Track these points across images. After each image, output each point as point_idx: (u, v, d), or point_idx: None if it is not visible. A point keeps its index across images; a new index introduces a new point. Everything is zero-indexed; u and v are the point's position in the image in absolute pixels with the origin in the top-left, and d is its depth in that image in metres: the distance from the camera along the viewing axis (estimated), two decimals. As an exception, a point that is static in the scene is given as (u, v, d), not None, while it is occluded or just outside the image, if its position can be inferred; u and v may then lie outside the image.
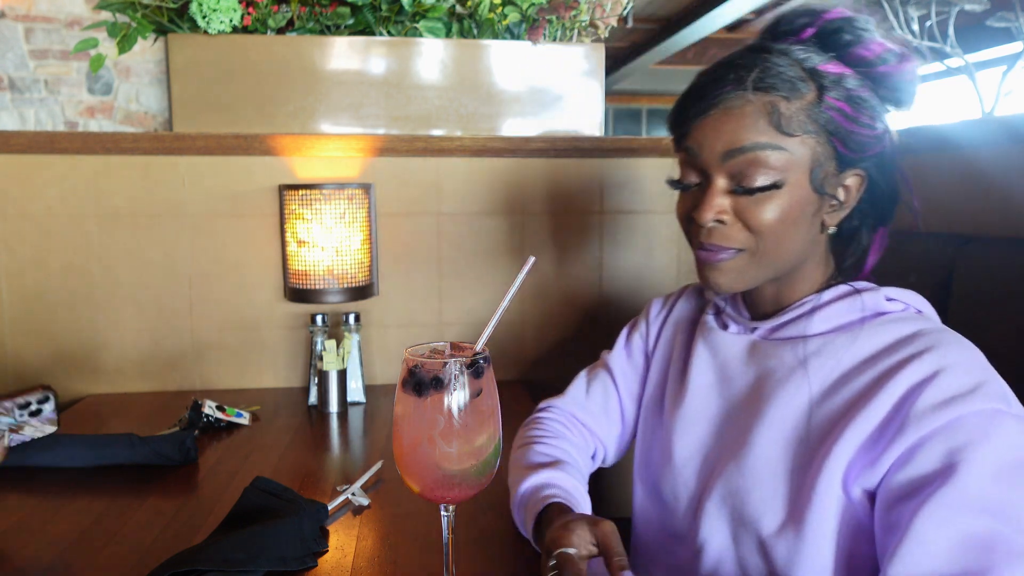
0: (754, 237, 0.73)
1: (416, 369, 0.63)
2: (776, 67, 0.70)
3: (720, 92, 0.71)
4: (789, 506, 0.71)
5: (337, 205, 1.41)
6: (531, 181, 1.58)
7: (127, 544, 0.86)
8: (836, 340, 0.74)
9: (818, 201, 0.73)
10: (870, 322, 0.74)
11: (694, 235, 0.77)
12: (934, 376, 0.65)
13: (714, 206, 0.73)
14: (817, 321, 0.76)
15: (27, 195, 1.47)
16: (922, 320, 0.73)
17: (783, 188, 0.71)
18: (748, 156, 0.70)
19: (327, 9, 1.68)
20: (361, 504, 0.96)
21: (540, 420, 0.98)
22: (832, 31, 0.73)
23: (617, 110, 11.29)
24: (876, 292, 0.75)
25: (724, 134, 0.71)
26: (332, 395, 1.37)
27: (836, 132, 0.71)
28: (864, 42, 0.72)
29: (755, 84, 0.70)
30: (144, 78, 1.95)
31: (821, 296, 0.77)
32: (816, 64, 0.71)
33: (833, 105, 0.70)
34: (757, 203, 0.72)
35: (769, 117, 0.69)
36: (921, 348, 0.68)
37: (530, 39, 1.73)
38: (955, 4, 1.45)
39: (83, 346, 1.51)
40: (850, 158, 0.73)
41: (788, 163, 0.70)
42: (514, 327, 1.62)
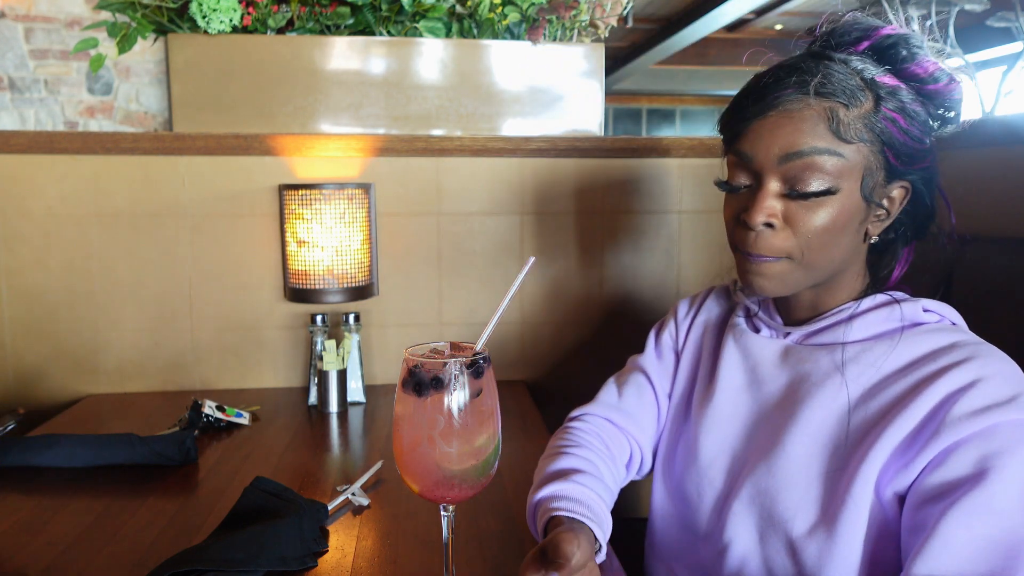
0: (800, 244, 0.73)
1: (416, 369, 0.63)
2: (837, 74, 0.71)
3: (781, 94, 0.72)
4: (822, 508, 0.72)
5: (337, 205, 1.41)
6: (531, 181, 1.58)
7: (127, 544, 0.86)
8: (874, 347, 0.75)
9: (866, 210, 0.74)
10: (908, 331, 0.75)
11: (740, 239, 0.77)
12: (972, 385, 0.66)
13: (765, 208, 0.73)
14: (856, 328, 0.77)
15: (27, 195, 1.47)
16: (958, 332, 0.74)
17: (836, 195, 0.71)
18: (806, 160, 0.71)
19: (327, 9, 1.68)
20: (361, 504, 0.96)
21: (569, 430, 0.95)
22: (888, 46, 0.74)
23: (617, 110, 11.28)
24: (914, 303, 0.76)
25: (782, 137, 0.71)
26: (332, 395, 1.37)
27: (889, 142, 0.72)
28: (918, 60, 0.74)
29: (817, 89, 0.71)
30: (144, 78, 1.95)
31: (859, 304, 0.78)
32: (874, 75, 0.72)
33: (889, 116, 0.71)
34: (809, 209, 0.72)
35: (828, 123, 0.70)
36: (961, 358, 0.68)
37: (530, 39, 1.73)
38: (955, 4, 1.46)
39: (83, 346, 1.51)
40: (899, 170, 0.74)
41: (843, 169, 0.71)
42: (514, 327, 1.62)
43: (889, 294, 0.78)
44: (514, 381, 1.62)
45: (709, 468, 0.83)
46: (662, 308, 1.64)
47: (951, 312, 0.78)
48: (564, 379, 1.65)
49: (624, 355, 1.09)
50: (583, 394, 1.66)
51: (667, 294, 1.64)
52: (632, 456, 0.94)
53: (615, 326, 1.64)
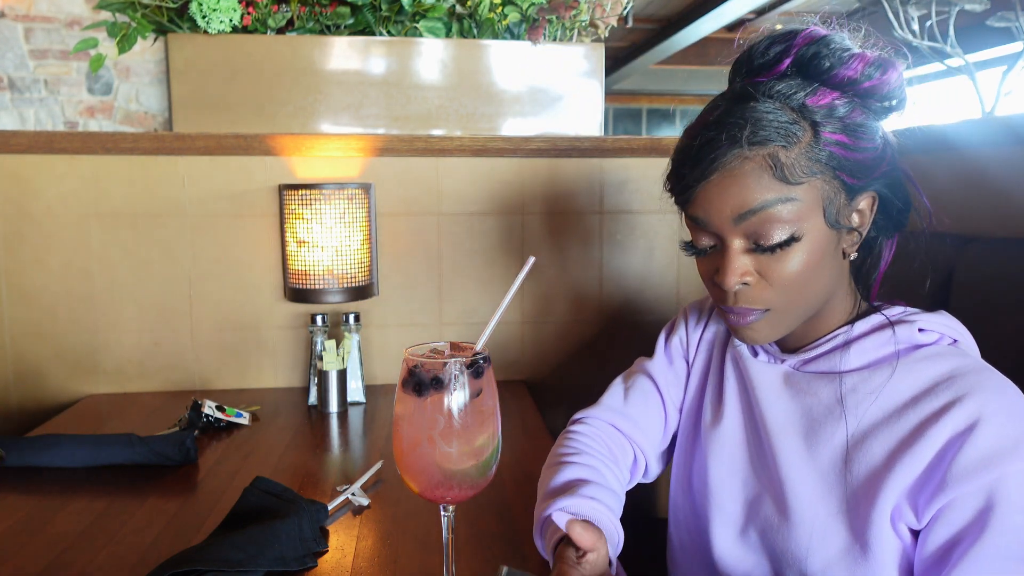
0: (780, 293, 0.72)
1: (416, 369, 0.63)
2: (765, 116, 0.68)
3: (715, 154, 0.69)
4: (841, 548, 0.71)
5: (337, 205, 1.41)
6: (531, 181, 1.58)
7: (127, 544, 0.86)
8: (872, 377, 0.73)
9: (836, 237, 0.72)
10: (905, 357, 0.73)
11: (719, 298, 0.76)
12: (973, 427, 0.64)
13: (736, 269, 0.71)
14: (852, 356, 0.75)
15: (27, 195, 1.47)
16: (958, 354, 0.72)
17: (803, 239, 0.69)
18: (761, 215, 0.68)
19: (327, 9, 1.68)
20: (361, 504, 0.96)
21: (572, 435, 0.92)
22: (810, 58, 0.70)
23: (617, 110, 11.28)
24: (910, 325, 0.74)
25: (731, 197, 0.69)
26: (332, 395, 1.37)
27: (840, 166, 0.69)
28: (845, 62, 0.69)
29: (750, 140, 0.67)
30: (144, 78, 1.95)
31: (853, 329, 0.76)
32: (804, 100, 0.69)
33: (831, 140, 0.68)
34: (779, 259, 0.70)
35: (772, 170, 0.67)
36: (961, 393, 0.67)
37: (530, 39, 1.73)
38: (955, 4, 1.45)
39: (83, 346, 1.51)
40: (858, 185, 0.71)
41: (801, 212, 0.68)
42: (514, 327, 1.62)
43: (884, 314, 0.76)
44: (514, 381, 1.62)
45: (719, 493, 0.83)
46: (662, 308, 1.64)
47: (950, 324, 0.76)
48: (564, 379, 1.65)
49: (623, 355, 1.09)
50: (583, 394, 1.66)
51: (667, 294, 1.64)
52: (636, 461, 0.93)
53: (615, 326, 1.64)
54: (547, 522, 0.75)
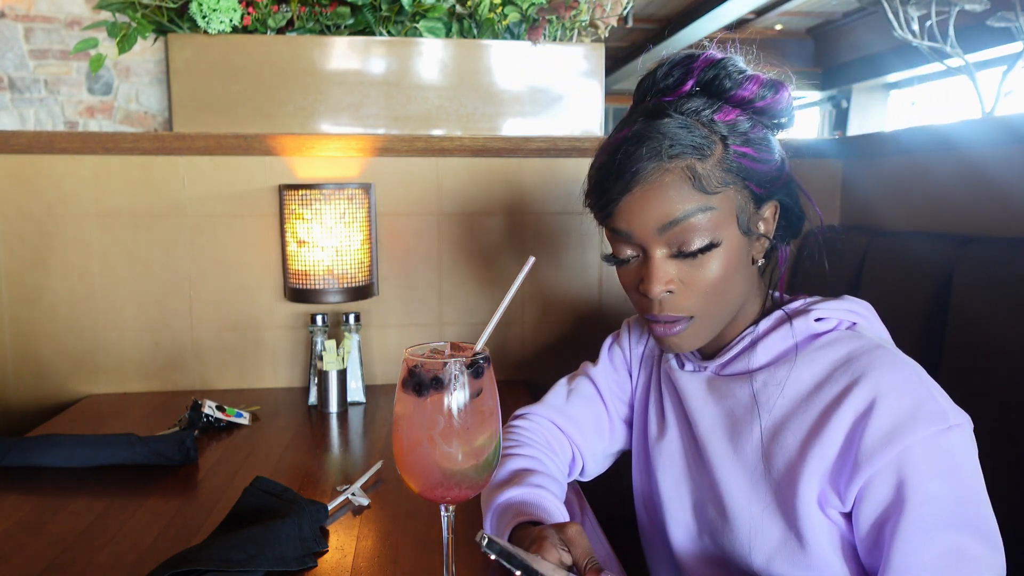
0: (702, 299, 0.75)
1: (416, 369, 0.63)
2: (680, 131, 0.72)
3: (638, 167, 0.72)
4: (778, 541, 0.74)
5: (337, 205, 1.41)
6: (531, 181, 1.58)
7: (127, 544, 0.86)
8: (777, 372, 0.77)
9: (748, 244, 0.77)
10: (804, 348, 0.77)
11: (644, 307, 0.79)
12: (872, 406, 0.67)
13: (661, 278, 0.74)
14: (759, 354, 0.79)
15: (27, 195, 1.47)
16: (853, 338, 0.75)
17: (721, 244, 0.73)
18: (683, 225, 0.72)
19: (327, 9, 1.68)
20: (361, 504, 0.96)
21: (514, 429, 0.97)
22: (710, 80, 0.74)
23: (617, 110, 11.27)
24: (806, 316, 0.77)
25: (653, 209, 0.72)
26: (332, 395, 1.37)
27: (748, 175, 0.73)
28: (741, 84, 0.74)
29: (668, 154, 0.71)
30: (144, 78, 1.95)
31: (758, 328, 0.80)
32: (712, 116, 0.73)
33: (739, 152, 0.73)
34: (700, 265, 0.74)
35: (691, 181, 0.71)
36: (856, 375, 0.70)
37: (530, 39, 1.73)
38: (955, 4, 1.45)
39: (83, 346, 1.51)
40: (764, 194, 0.76)
41: (719, 220, 0.73)
42: (514, 327, 1.62)
43: (784, 309, 0.80)
44: (514, 381, 1.62)
45: (670, 503, 0.86)
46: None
47: (851, 308, 0.79)
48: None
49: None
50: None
51: (667, 294, 1.64)
52: (574, 459, 0.97)
53: (615, 326, 1.64)
54: (504, 511, 0.79)
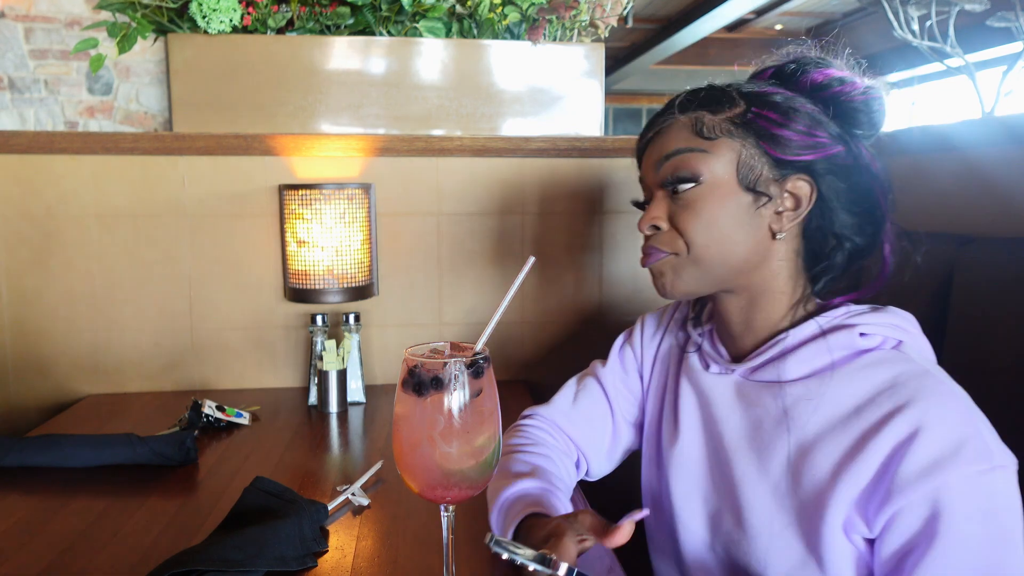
0: (686, 239, 0.78)
1: (416, 369, 0.63)
2: (706, 91, 0.79)
3: (657, 119, 0.82)
4: (796, 561, 0.73)
5: (337, 205, 1.41)
6: (531, 181, 1.58)
7: (127, 544, 0.86)
8: (811, 387, 0.74)
9: (753, 201, 0.76)
10: (847, 365, 0.73)
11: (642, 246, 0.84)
12: (915, 435, 0.65)
13: (650, 213, 0.80)
14: (790, 366, 0.76)
15: (27, 195, 1.47)
16: (900, 360, 0.72)
17: (707, 182, 0.76)
18: (673, 160, 0.78)
19: (327, 9, 1.68)
20: (361, 504, 0.96)
21: (522, 428, 0.99)
22: (783, 66, 0.81)
23: (617, 110, 11.27)
24: (849, 331, 0.74)
25: (656, 150, 0.81)
26: (332, 395, 1.37)
27: (762, 135, 0.75)
28: (809, 73, 0.78)
29: (682, 107, 0.79)
30: (144, 78, 1.95)
31: (788, 337, 0.77)
32: (753, 89, 0.79)
33: (759, 113, 0.76)
34: (685, 205, 0.77)
35: (693, 127, 0.77)
36: (902, 401, 0.67)
37: (530, 39, 1.73)
38: (955, 4, 1.45)
39: (83, 346, 1.51)
40: (786, 161, 0.75)
41: (710, 162, 0.76)
42: (514, 327, 1.62)
43: (817, 321, 0.76)
44: (514, 381, 1.62)
45: (683, 511, 0.85)
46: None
47: (896, 323, 0.75)
48: (564, 379, 1.64)
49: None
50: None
51: (667, 294, 1.64)
52: (579, 461, 0.97)
53: (615, 326, 1.64)
54: (512, 504, 0.79)
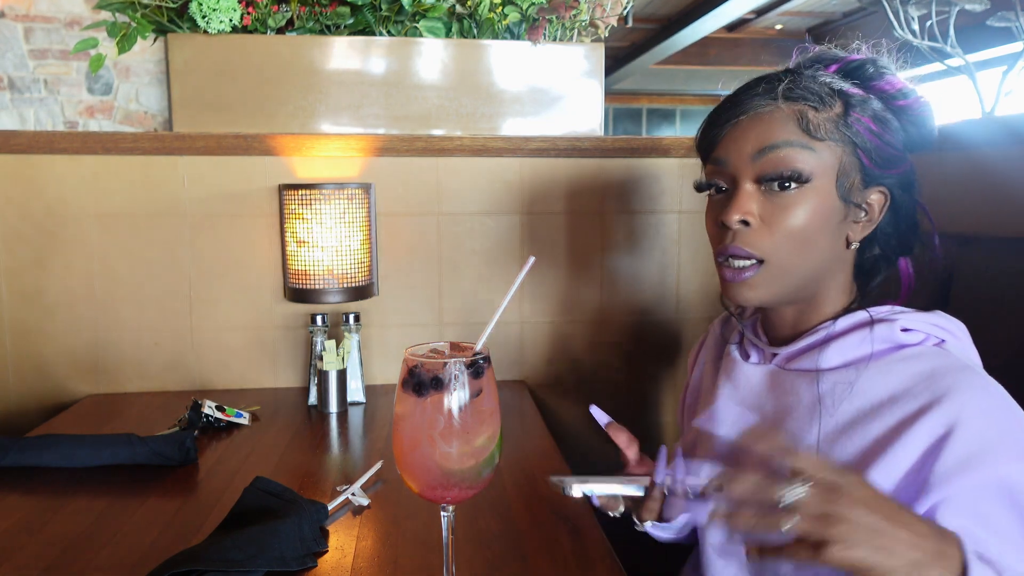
0: (777, 242, 0.74)
1: (416, 369, 0.63)
2: (805, 80, 0.75)
3: (751, 100, 0.75)
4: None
5: (337, 205, 1.41)
6: (531, 181, 1.58)
7: (127, 544, 0.86)
8: (849, 376, 0.74)
9: (843, 211, 0.75)
10: (885, 357, 0.73)
11: (719, 240, 0.78)
12: (952, 432, 0.64)
13: (741, 206, 0.74)
14: (831, 353, 0.76)
15: (27, 195, 1.47)
16: (940, 355, 0.71)
17: (811, 185, 0.72)
18: (779, 153, 0.73)
19: (327, 9, 1.68)
20: (361, 504, 0.96)
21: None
22: (856, 67, 0.78)
23: (617, 110, 11.27)
24: (891, 323, 0.74)
25: (754, 136, 0.74)
26: (332, 395, 1.37)
27: (862, 145, 0.74)
28: (885, 78, 0.77)
29: (785, 94, 0.74)
30: (144, 78, 1.95)
31: (835, 324, 0.77)
32: (843, 86, 0.75)
33: (859, 119, 0.74)
34: (785, 206, 0.73)
35: (798, 122, 0.73)
36: (939, 394, 0.66)
37: (530, 39, 1.73)
38: (955, 4, 1.45)
39: (83, 346, 1.51)
40: (875, 173, 0.75)
41: (815, 164, 0.73)
42: (514, 327, 1.62)
43: (869, 311, 0.76)
44: (514, 381, 1.62)
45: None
46: (661, 308, 1.64)
47: (941, 324, 0.75)
48: (564, 379, 1.65)
49: (622, 355, 1.09)
50: (583, 394, 1.67)
51: (667, 294, 1.64)
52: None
53: (615, 326, 1.64)
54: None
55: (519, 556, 0.83)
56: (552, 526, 0.91)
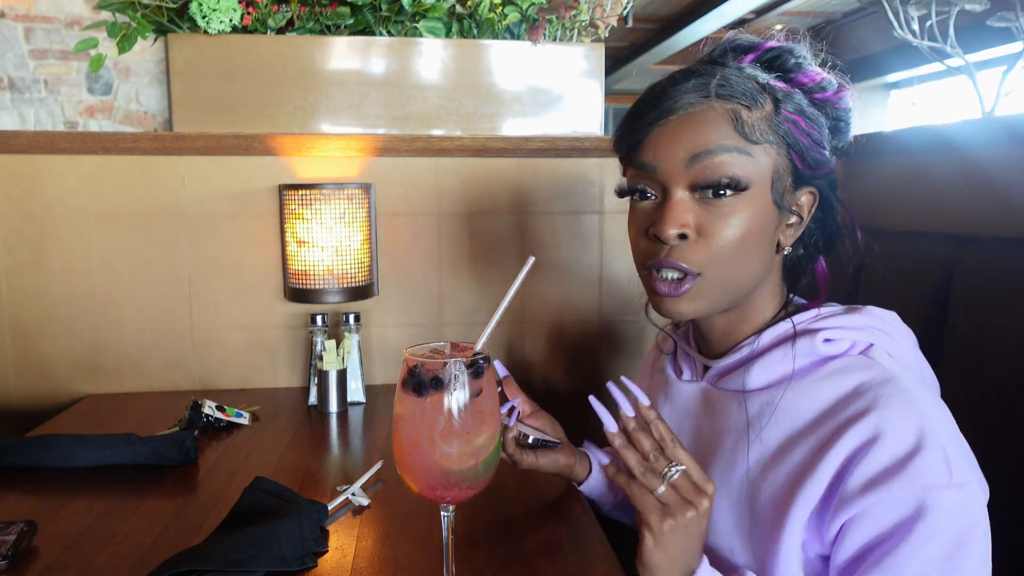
0: (714, 255, 0.69)
1: (416, 369, 0.63)
2: (734, 77, 0.69)
3: (680, 97, 0.69)
4: (754, 566, 0.72)
5: (337, 205, 1.41)
6: (531, 181, 1.58)
7: (127, 544, 0.86)
8: (773, 398, 0.72)
9: (777, 217, 0.72)
10: (808, 376, 0.71)
11: (650, 254, 0.72)
12: (870, 444, 0.62)
13: (677, 218, 0.69)
14: (755, 373, 0.74)
15: (27, 195, 1.47)
16: (865, 367, 0.69)
17: (748, 193, 0.68)
18: (715, 158, 0.67)
19: (327, 9, 1.68)
20: (361, 504, 0.96)
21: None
22: (773, 57, 0.74)
23: (617, 110, 11.27)
24: (812, 337, 0.71)
25: (686, 139, 0.68)
26: (332, 395, 1.37)
27: (794, 145, 0.70)
28: (804, 70, 0.73)
29: (717, 91, 0.68)
30: (144, 78, 1.95)
31: (760, 339, 0.75)
32: (768, 80, 0.71)
33: (789, 117, 0.70)
34: (721, 215, 0.68)
35: (733, 123, 0.68)
36: (861, 408, 0.65)
37: (530, 39, 1.73)
38: (955, 4, 1.45)
39: (83, 346, 1.51)
40: (806, 175, 0.72)
41: (753, 170, 0.68)
42: (514, 327, 1.62)
43: (793, 320, 0.74)
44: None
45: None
46: (662, 308, 1.64)
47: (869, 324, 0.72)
48: (564, 379, 1.65)
49: (622, 355, 1.09)
50: (583, 394, 1.65)
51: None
52: None
53: (614, 326, 1.64)
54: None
55: (519, 556, 0.83)
56: (552, 526, 0.92)
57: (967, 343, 1.04)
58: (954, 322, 1.06)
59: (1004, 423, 0.94)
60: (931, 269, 1.12)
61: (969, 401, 0.70)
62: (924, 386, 0.69)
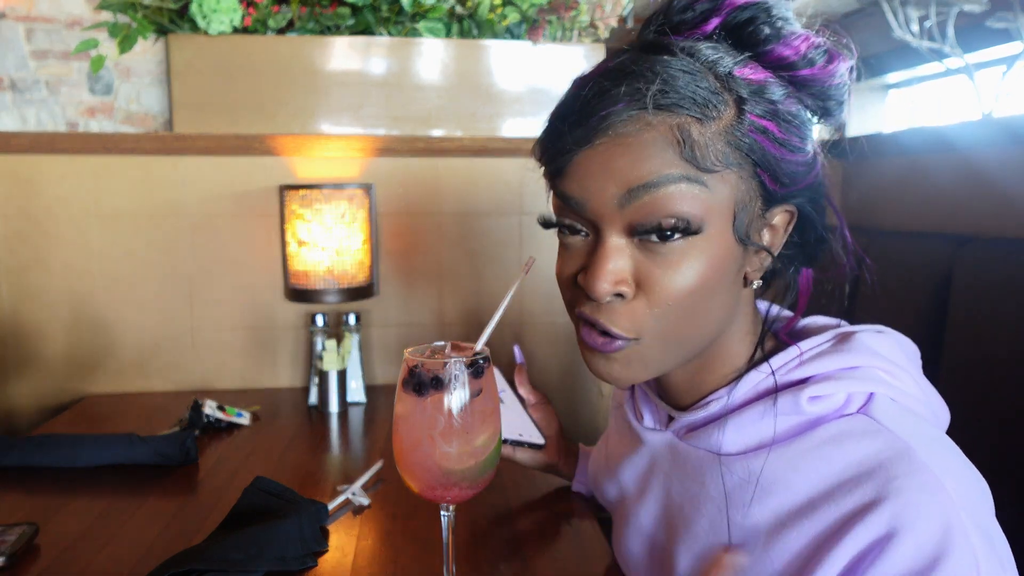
0: (660, 314, 0.54)
1: (416, 369, 0.63)
2: (681, 76, 0.51)
3: (609, 113, 0.51)
4: None
5: (337, 205, 1.41)
6: (531, 181, 1.58)
7: (127, 544, 0.86)
8: (754, 466, 0.57)
9: (741, 256, 0.56)
10: (797, 441, 0.55)
11: (580, 303, 0.57)
12: (883, 544, 0.48)
13: (610, 273, 0.53)
14: (731, 434, 0.59)
15: (27, 195, 1.47)
16: (869, 434, 0.53)
17: (703, 236, 0.52)
18: (657, 193, 0.51)
19: (327, 9, 1.68)
20: (361, 504, 0.96)
21: None
22: (744, 22, 0.54)
23: (617, 110, 11.28)
24: (796, 394, 0.56)
25: (619, 170, 0.52)
26: (332, 395, 1.37)
27: (763, 162, 0.53)
28: (785, 38, 0.54)
29: (656, 101, 0.50)
30: (145, 78, 1.95)
31: (733, 394, 0.60)
32: (731, 68, 0.52)
33: (758, 125, 0.52)
34: (669, 264, 0.53)
35: (679, 147, 0.51)
36: (871, 497, 0.50)
37: (530, 39, 1.73)
38: (955, 4, 1.46)
39: (83, 346, 1.51)
40: (779, 194, 0.55)
41: (707, 204, 0.52)
42: (514, 327, 1.62)
43: (772, 367, 0.59)
44: (514, 381, 1.61)
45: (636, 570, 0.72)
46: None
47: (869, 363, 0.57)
48: (563, 380, 1.65)
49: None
50: (583, 395, 1.67)
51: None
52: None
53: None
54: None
55: (519, 556, 0.84)
56: (552, 526, 0.92)
57: (966, 343, 1.04)
58: (953, 322, 1.06)
59: (1004, 423, 0.94)
60: (931, 269, 1.12)
61: (969, 401, 0.69)
62: (941, 444, 0.54)
